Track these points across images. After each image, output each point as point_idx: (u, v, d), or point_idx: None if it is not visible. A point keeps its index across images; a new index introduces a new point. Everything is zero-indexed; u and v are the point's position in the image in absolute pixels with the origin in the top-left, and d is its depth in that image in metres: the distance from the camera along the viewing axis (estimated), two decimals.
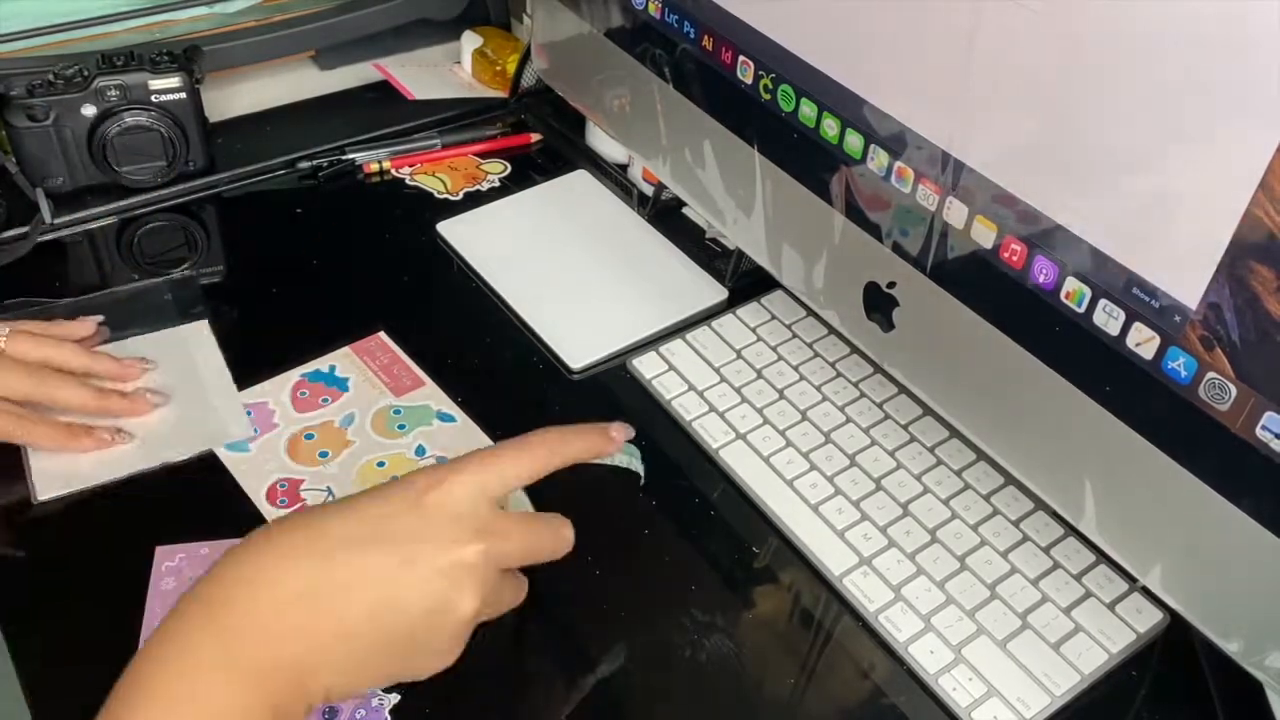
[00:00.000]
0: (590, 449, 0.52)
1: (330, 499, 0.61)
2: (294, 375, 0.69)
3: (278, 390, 0.67)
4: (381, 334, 0.72)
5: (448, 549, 0.45)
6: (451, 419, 0.67)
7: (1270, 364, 0.43)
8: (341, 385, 0.68)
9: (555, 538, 0.51)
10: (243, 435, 0.65)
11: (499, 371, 0.70)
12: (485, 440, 0.65)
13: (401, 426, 0.66)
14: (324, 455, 0.64)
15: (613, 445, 0.53)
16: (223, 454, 0.63)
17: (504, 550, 0.47)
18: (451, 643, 0.46)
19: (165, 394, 0.66)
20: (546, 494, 0.61)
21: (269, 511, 0.60)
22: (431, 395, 0.68)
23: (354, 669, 0.44)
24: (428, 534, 0.45)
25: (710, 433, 0.66)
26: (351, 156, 0.87)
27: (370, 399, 0.68)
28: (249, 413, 0.66)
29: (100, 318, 0.69)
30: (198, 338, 0.71)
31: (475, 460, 0.48)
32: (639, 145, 0.77)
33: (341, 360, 0.70)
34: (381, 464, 0.64)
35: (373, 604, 0.44)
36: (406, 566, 0.44)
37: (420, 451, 0.65)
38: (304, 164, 0.86)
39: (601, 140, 0.88)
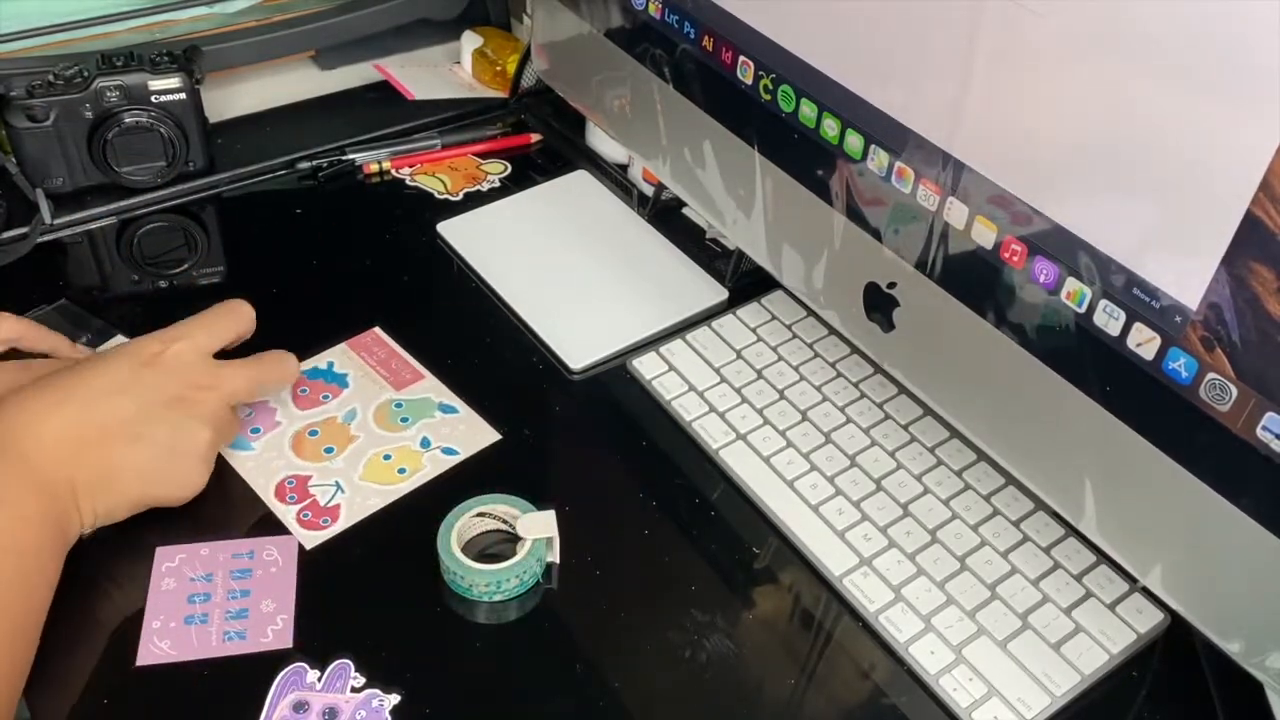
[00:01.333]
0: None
1: (338, 492, 0.61)
2: None
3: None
4: (377, 329, 0.72)
5: (180, 394, 0.58)
6: (454, 410, 0.67)
7: (1271, 364, 0.43)
8: (341, 381, 0.68)
9: (280, 370, 0.64)
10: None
11: (499, 372, 0.70)
12: (489, 430, 0.66)
13: (404, 419, 0.66)
14: (329, 451, 0.64)
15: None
16: (228, 453, 0.63)
17: (231, 390, 0.60)
18: (196, 468, 0.59)
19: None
20: (548, 495, 0.61)
21: (279, 509, 0.60)
22: (432, 388, 0.68)
23: (116, 491, 0.56)
24: (167, 385, 0.57)
25: (710, 433, 0.66)
26: (351, 157, 0.87)
27: (371, 394, 0.68)
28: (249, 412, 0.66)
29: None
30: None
31: (189, 325, 0.60)
32: (639, 145, 0.77)
33: (339, 357, 0.70)
34: (388, 457, 0.64)
35: (128, 440, 0.56)
36: (152, 410, 0.57)
37: (425, 443, 0.65)
38: (304, 164, 0.86)
39: (601, 140, 0.88)
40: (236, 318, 0.63)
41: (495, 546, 0.59)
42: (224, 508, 0.61)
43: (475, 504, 0.59)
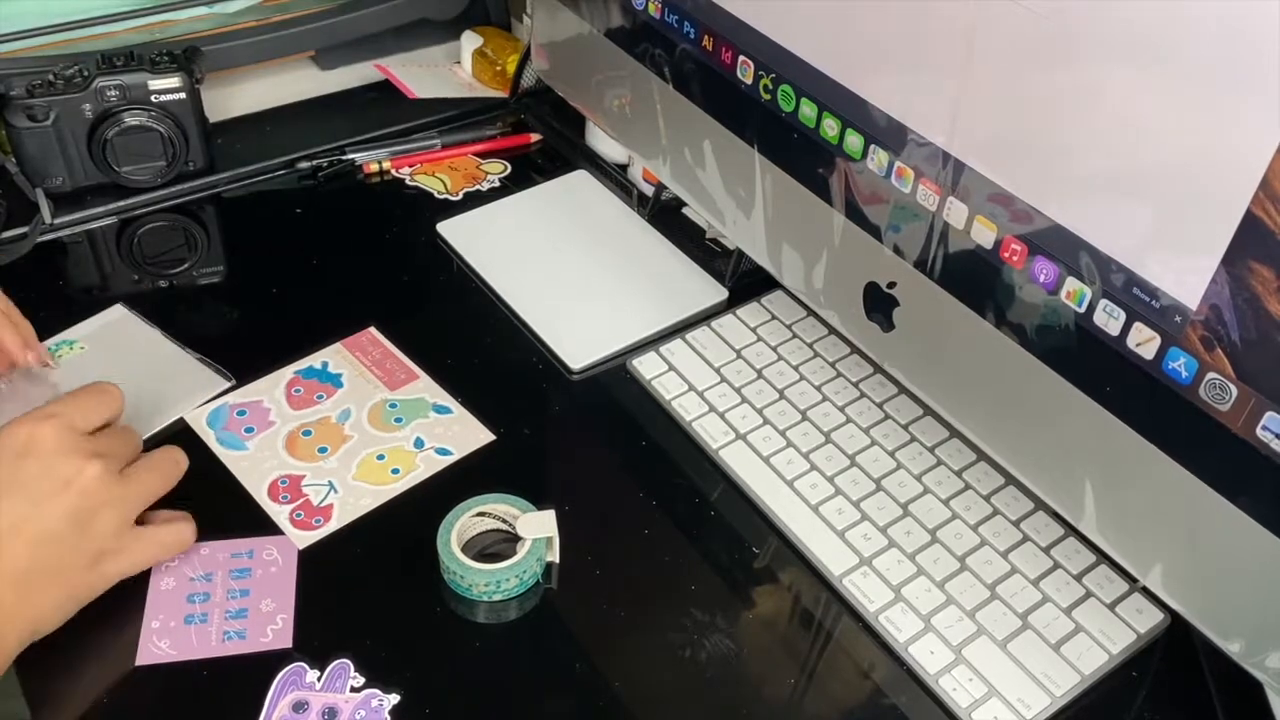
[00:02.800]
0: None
1: (331, 492, 0.61)
2: (287, 373, 0.69)
3: (271, 388, 0.68)
4: (372, 329, 0.72)
5: (67, 475, 0.52)
6: (448, 410, 0.67)
7: (1271, 364, 0.43)
8: (335, 381, 0.68)
9: (131, 433, 0.59)
10: (220, 387, 0.67)
11: (498, 372, 0.70)
12: (483, 431, 0.66)
13: (398, 420, 0.66)
14: (323, 451, 0.64)
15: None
16: (221, 453, 0.63)
17: (111, 455, 0.55)
18: (116, 541, 0.53)
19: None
20: (547, 494, 0.61)
21: (272, 509, 0.60)
22: (426, 388, 0.68)
23: (39, 600, 0.51)
24: (47, 471, 0.52)
25: (710, 433, 0.66)
26: (351, 156, 0.87)
27: (365, 394, 0.68)
28: (218, 370, 0.68)
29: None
30: (125, 320, 0.72)
31: (57, 406, 0.55)
32: (639, 145, 0.77)
33: (333, 356, 0.70)
34: (381, 457, 0.64)
35: (27, 540, 0.51)
36: (41, 502, 0.51)
37: (419, 444, 0.65)
38: (304, 164, 0.86)
39: (601, 140, 0.88)
40: (107, 398, 0.57)
41: (495, 546, 0.59)
42: (216, 507, 0.60)
43: (475, 504, 0.59)
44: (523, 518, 0.58)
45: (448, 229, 0.81)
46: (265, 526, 0.60)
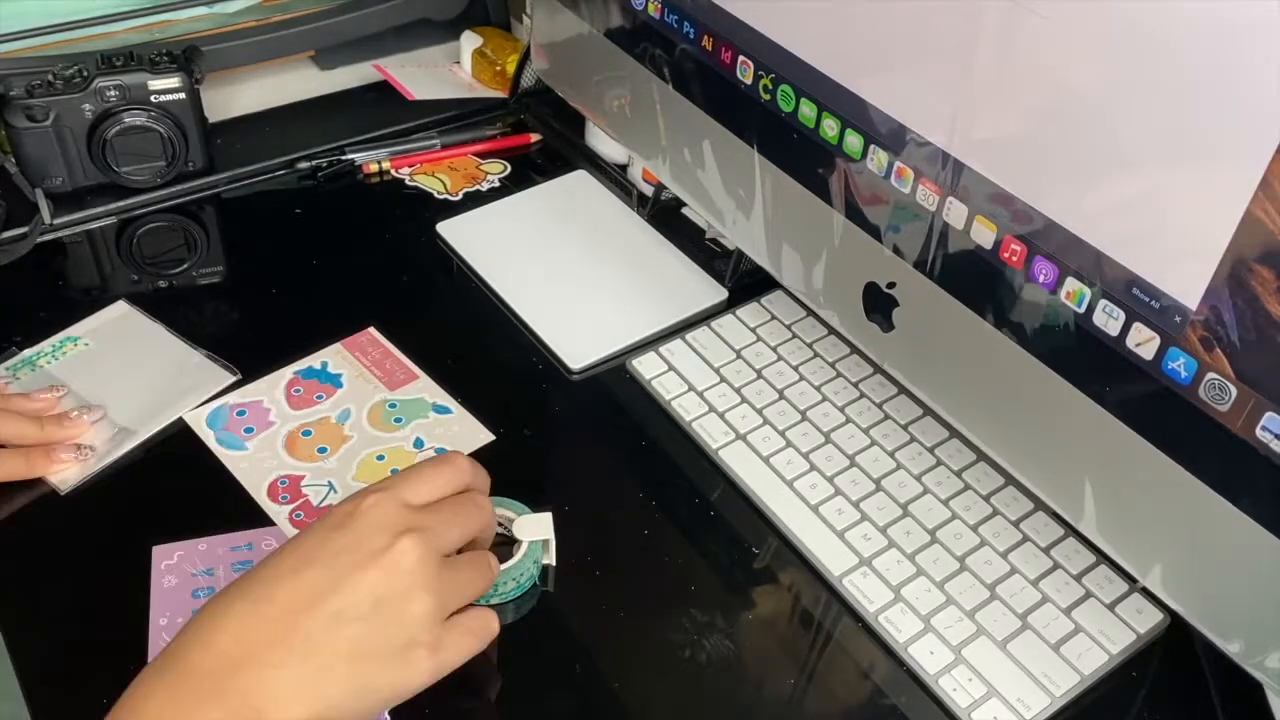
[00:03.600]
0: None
1: (330, 493, 0.61)
2: (287, 373, 0.69)
3: (271, 388, 0.68)
4: (371, 329, 0.72)
5: (378, 547, 0.46)
6: (447, 411, 0.67)
7: (1270, 364, 0.43)
8: (335, 381, 0.68)
9: (480, 510, 0.52)
10: (225, 382, 0.67)
11: (498, 372, 0.70)
12: (482, 431, 0.66)
13: (398, 420, 0.66)
14: (323, 451, 0.64)
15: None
16: (221, 453, 0.63)
17: (434, 533, 0.48)
18: (421, 642, 0.46)
19: (96, 407, 0.64)
20: (547, 494, 0.61)
21: (271, 509, 0.60)
22: (426, 388, 0.68)
23: (329, 686, 0.44)
24: (357, 543, 0.46)
25: (710, 433, 0.66)
26: (351, 156, 0.87)
27: (365, 394, 0.68)
28: (223, 365, 0.68)
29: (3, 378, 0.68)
30: (128, 316, 0.72)
31: (389, 480, 0.50)
32: (639, 145, 0.77)
33: (333, 356, 0.70)
34: (381, 457, 0.64)
35: (322, 618, 0.44)
36: (344, 575, 0.45)
37: (418, 444, 0.65)
38: (304, 164, 0.86)
39: (601, 140, 0.88)
40: (449, 469, 0.51)
41: (492, 549, 0.59)
42: (216, 508, 0.60)
43: None
44: (519, 520, 0.58)
45: (448, 229, 0.81)
46: (265, 527, 0.60)
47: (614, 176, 0.86)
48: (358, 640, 0.45)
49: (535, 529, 0.57)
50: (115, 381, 0.67)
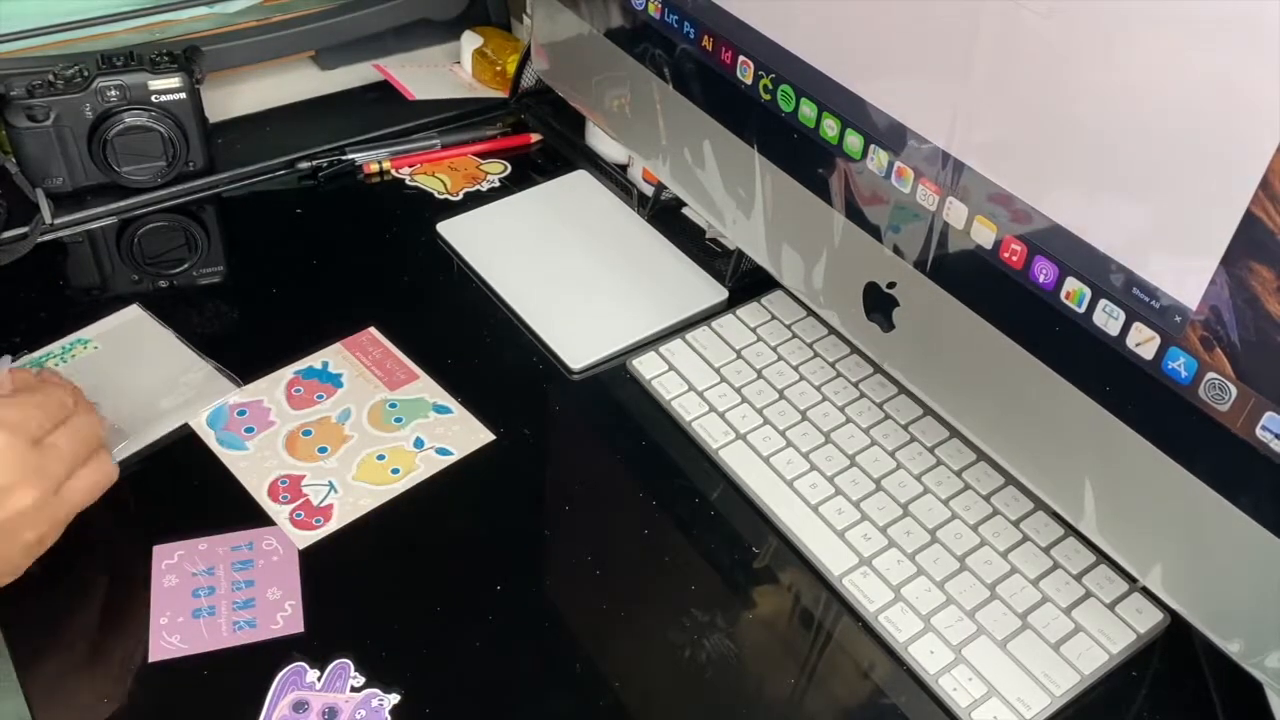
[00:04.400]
0: None
1: (330, 492, 0.61)
2: (287, 373, 0.69)
3: (272, 388, 0.68)
4: (372, 329, 0.72)
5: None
6: (448, 411, 0.67)
7: (1270, 364, 0.43)
8: (335, 381, 0.68)
9: (57, 389, 0.56)
10: (228, 391, 0.67)
11: (498, 372, 0.70)
12: (483, 431, 0.66)
13: (398, 420, 0.66)
14: (323, 450, 0.64)
15: None
16: (221, 453, 0.63)
17: (21, 422, 0.52)
18: (27, 527, 0.51)
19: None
20: (547, 494, 0.61)
21: (272, 508, 0.60)
22: (426, 388, 0.68)
23: None
24: None
25: (710, 433, 0.66)
26: (351, 157, 0.87)
27: (365, 394, 0.68)
28: (226, 374, 0.68)
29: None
30: (139, 321, 0.72)
31: None
32: (639, 145, 0.77)
33: (334, 356, 0.70)
34: (381, 457, 0.64)
35: None
36: None
37: (419, 444, 0.65)
38: (304, 164, 0.86)
39: (601, 140, 0.88)
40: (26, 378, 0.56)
41: None
42: (216, 507, 0.61)
43: None
44: None
45: (448, 229, 0.81)
46: (265, 527, 0.60)
47: (614, 176, 0.86)
48: None
49: None
50: (119, 386, 0.67)
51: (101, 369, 0.68)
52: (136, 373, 0.68)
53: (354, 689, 0.53)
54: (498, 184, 0.87)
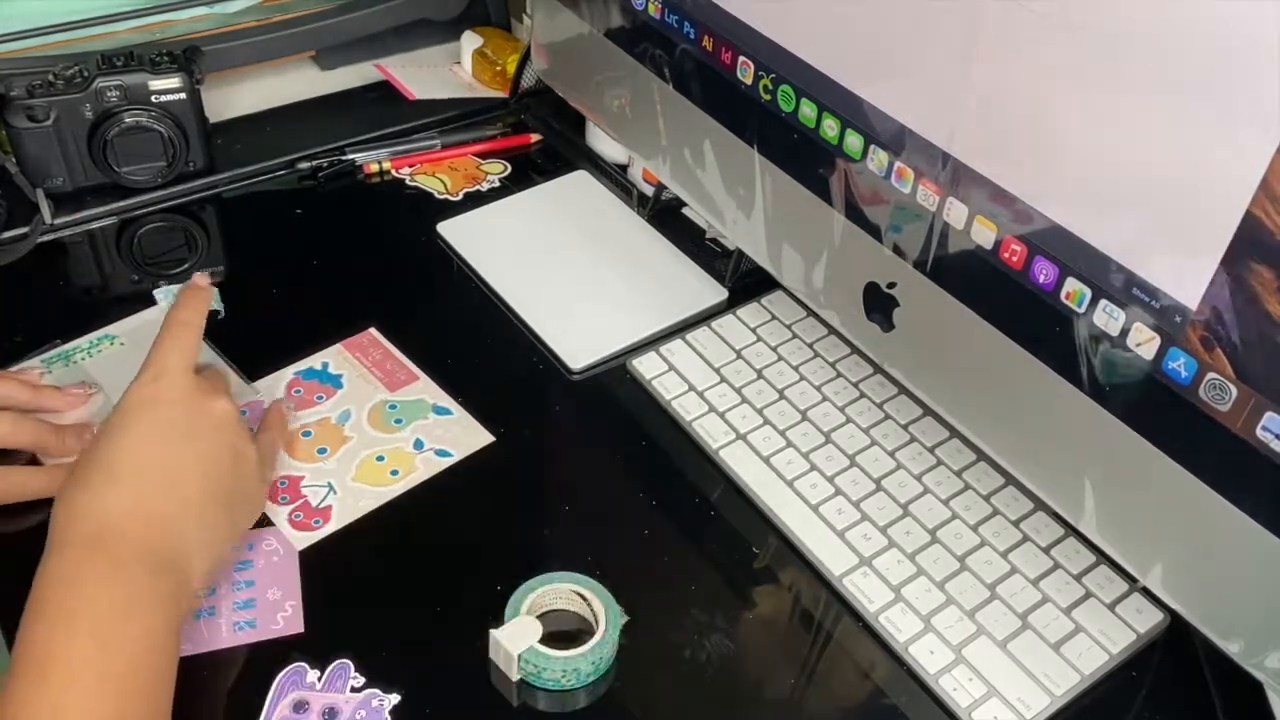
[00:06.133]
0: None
1: (330, 493, 0.61)
2: (288, 373, 0.69)
3: (272, 389, 0.68)
4: (372, 330, 0.72)
5: (205, 410, 0.55)
6: (448, 412, 0.67)
7: (1270, 364, 0.43)
8: (335, 382, 0.68)
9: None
10: (245, 399, 0.66)
11: (498, 372, 0.70)
12: (483, 431, 0.66)
13: (398, 421, 0.66)
14: (322, 452, 0.64)
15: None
16: None
17: (225, 391, 0.58)
18: (256, 481, 0.57)
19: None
20: (547, 494, 0.61)
21: (271, 509, 0.60)
22: (426, 389, 0.68)
23: (208, 536, 0.53)
24: (189, 414, 0.55)
25: (710, 433, 0.66)
26: (351, 157, 0.87)
27: (365, 395, 0.68)
28: (241, 376, 0.67)
29: (40, 369, 0.67)
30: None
31: (164, 349, 0.57)
32: (639, 145, 0.77)
33: (334, 357, 0.70)
34: (381, 458, 0.64)
35: (198, 476, 0.53)
36: (191, 438, 0.54)
37: (419, 445, 0.65)
38: (304, 164, 0.86)
39: (601, 140, 0.88)
40: (187, 333, 0.59)
41: (568, 633, 0.56)
42: None
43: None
44: (601, 606, 0.55)
45: (448, 229, 0.81)
46: (265, 527, 0.60)
47: (614, 176, 0.86)
48: (223, 484, 0.54)
49: (614, 613, 0.55)
50: None
51: (126, 366, 0.68)
52: None
53: (354, 689, 0.53)
54: (498, 184, 0.87)
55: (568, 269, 0.78)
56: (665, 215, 0.82)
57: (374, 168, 0.87)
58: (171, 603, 0.49)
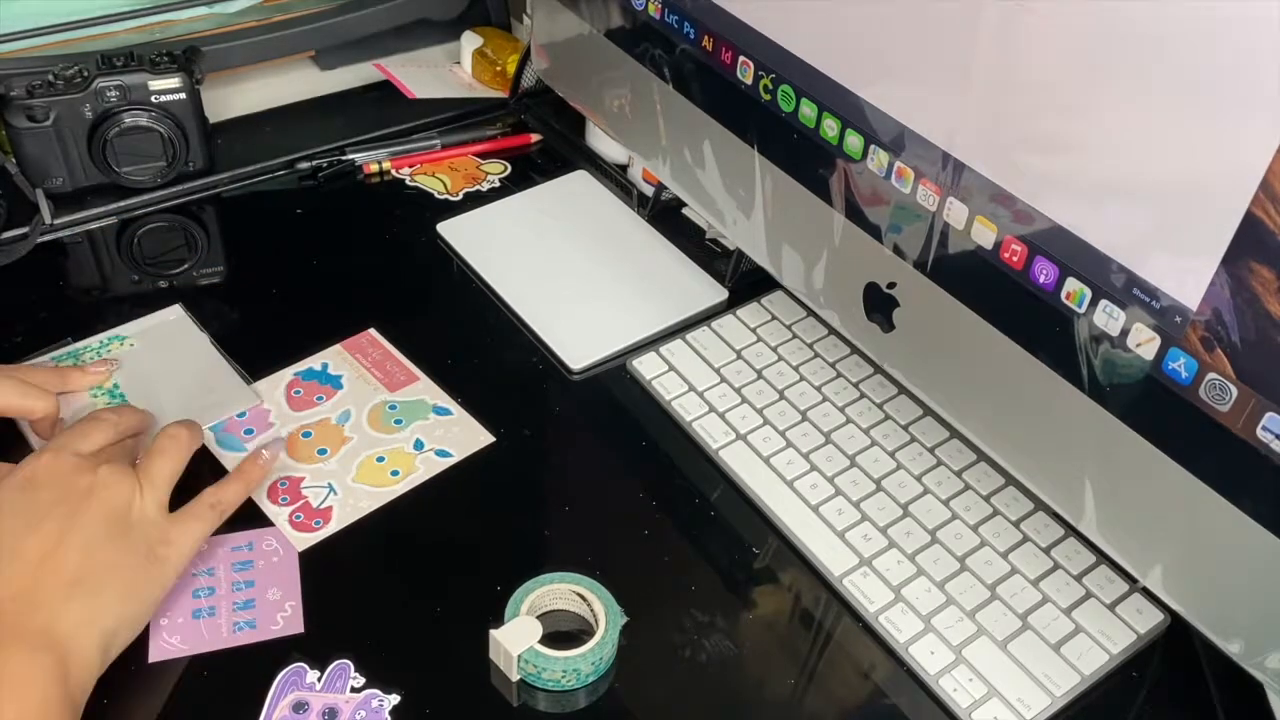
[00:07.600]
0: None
1: (330, 494, 0.61)
2: (287, 374, 0.69)
3: (272, 389, 0.68)
4: (372, 330, 0.72)
5: (80, 485, 0.53)
6: (448, 412, 0.67)
7: (1271, 364, 0.43)
8: (335, 383, 0.68)
9: (143, 415, 0.61)
10: (249, 404, 0.66)
11: (498, 372, 0.70)
12: (483, 432, 0.66)
13: (398, 421, 0.66)
14: (323, 452, 0.64)
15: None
16: (221, 454, 0.63)
17: (114, 458, 0.55)
18: (159, 530, 0.54)
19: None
20: (547, 495, 0.61)
21: (271, 510, 0.60)
22: (426, 390, 0.68)
23: (103, 604, 0.51)
24: (62, 492, 0.53)
25: (710, 433, 0.66)
26: (351, 157, 0.87)
27: (365, 395, 0.68)
28: (247, 382, 0.67)
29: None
30: (179, 321, 0.72)
31: (53, 441, 0.56)
32: (639, 145, 0.77)
33: (333, 358, 0.70)
34: (381, 459, 0.64)
35: (75, 549, 0.51)
36: (70, 514, 0.52)
37: (419, 445, 0.65)
38: (304, 164, 0.86)
39: (601, 140, 0.88)
40: (103, 424, 0.58)
41: (569, 633, 0.56)
42: None
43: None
44: (601, 607, 0.55)
45: (448, 229, 0.81)
46: (264, 528, 0.60)
47: (614, 176, 0.86)
48: (109, 560, 0.52)
49: (613, 613, 0.55)
50: (145, 385, 0.67)
51: (133, 367, 0.68)
52: (165, 374, 0.68)
53: (354, 689, 0.53)
54: (498, 184, 0.87)
55: (568, 269, 0.78)
56: (665, 215, 0.82)
57: (374, 168, 0.87)
58: (52, 680, 0.47)
